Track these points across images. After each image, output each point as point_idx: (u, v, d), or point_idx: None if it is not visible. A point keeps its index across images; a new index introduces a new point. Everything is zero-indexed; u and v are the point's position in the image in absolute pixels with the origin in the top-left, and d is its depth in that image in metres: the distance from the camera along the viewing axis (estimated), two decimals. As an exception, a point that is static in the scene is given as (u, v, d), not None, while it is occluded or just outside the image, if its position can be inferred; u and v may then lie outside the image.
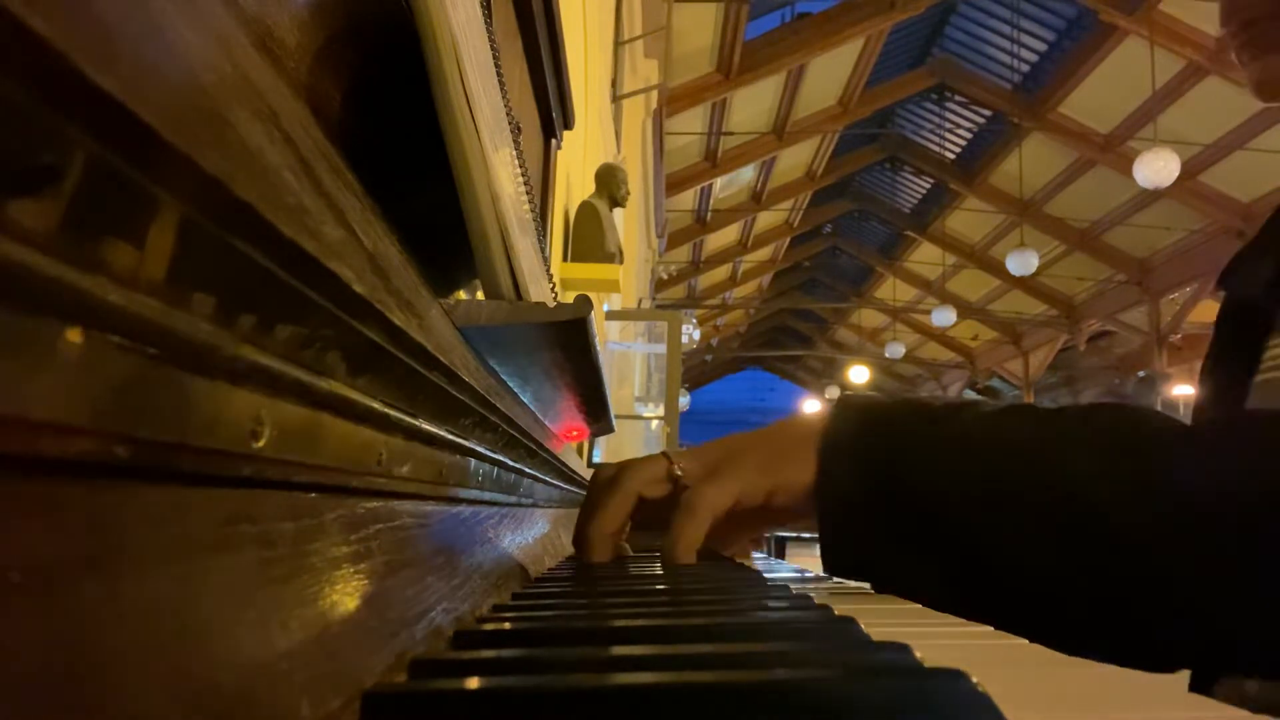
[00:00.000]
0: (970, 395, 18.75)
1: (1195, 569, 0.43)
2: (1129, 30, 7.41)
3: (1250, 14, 0.60)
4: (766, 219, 12.87)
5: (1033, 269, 9.61)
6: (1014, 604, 0.48)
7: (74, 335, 0.14)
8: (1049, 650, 0.38)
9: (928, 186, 12.67)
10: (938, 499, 0.51)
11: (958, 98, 10.39)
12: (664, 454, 0.63)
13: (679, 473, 0.62)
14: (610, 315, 5.09)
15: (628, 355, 6.09)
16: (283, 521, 0.23)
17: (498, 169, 0.58)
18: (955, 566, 0.50)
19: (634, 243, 6.39)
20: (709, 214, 11.53)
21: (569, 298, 0.53)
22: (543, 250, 0.98)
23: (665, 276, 12.66)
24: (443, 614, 0.36)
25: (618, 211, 3.23)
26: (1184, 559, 0.44)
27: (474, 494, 0.50)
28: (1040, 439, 0.50)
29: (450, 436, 0.41)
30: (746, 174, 10.84)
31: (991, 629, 0.44)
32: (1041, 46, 9.10)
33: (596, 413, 0.92)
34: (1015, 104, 9.33)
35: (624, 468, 0.64)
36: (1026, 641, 0.40)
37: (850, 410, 0.57)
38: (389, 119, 0.55)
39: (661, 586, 0.56)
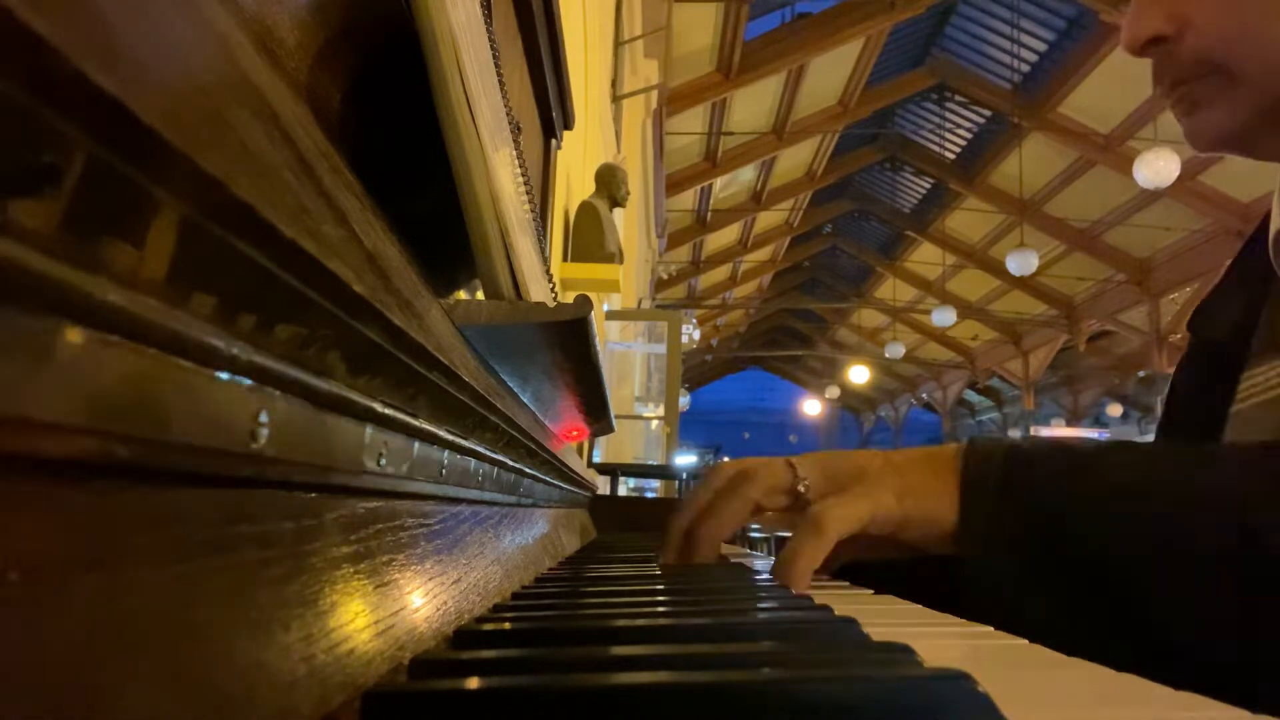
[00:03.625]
0: (971, 393, 18.77)
1: None
2: (1129, 30, 7.40)
3: (1175, 76, 0.63)
4: (766, 219, 12.87)
5: (1033, 269, 9.61)
6: (1172, 651, 0.47)
7: (74, 335, 0.14)
8: (1048, 650, 0.38)
9: (928, 186, 12.67)
10: (1096, 549, 0.51)
11: (958, 98, 10.39)
12: (788, 462, 0.62)
13: (803, 488, 0.61)
14: (610, 315, 5.09)
15: (628, 355, 6.09)
16: (282, 521, 0.23)
17: (498, 169, 0.58)
18: (1111, 616, 0.50)
19: (634, 243, 6.38)
20: (709, 214, 11.53)
21: (569, 298, 0.53)
22: (543, 250, 0.98)
23: (665, 276, 12.66)
24: (442, 613, 0.36)
25: (618, 211, 3.23)
26: None
27: (474, 494, 0.50)
28: (1207, 486, 0.50)
29: (450, 436, 0.41)
30: (746, 174, 10.84)
31: (992, 629, 0.44)
32: (1041, 46, 9.10)
33: (596, 413, 0.92)
34: (1015, 104, 9.33)
35: (744, 472, 0.62)
36: (1026, 642, 0.40)
37: (990, 451, 0.57)
38: (389, 119, 0.55)
39: (661, 587, 0.56)
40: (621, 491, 4.17)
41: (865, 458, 0.62)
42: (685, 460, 6.59)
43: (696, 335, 12.06)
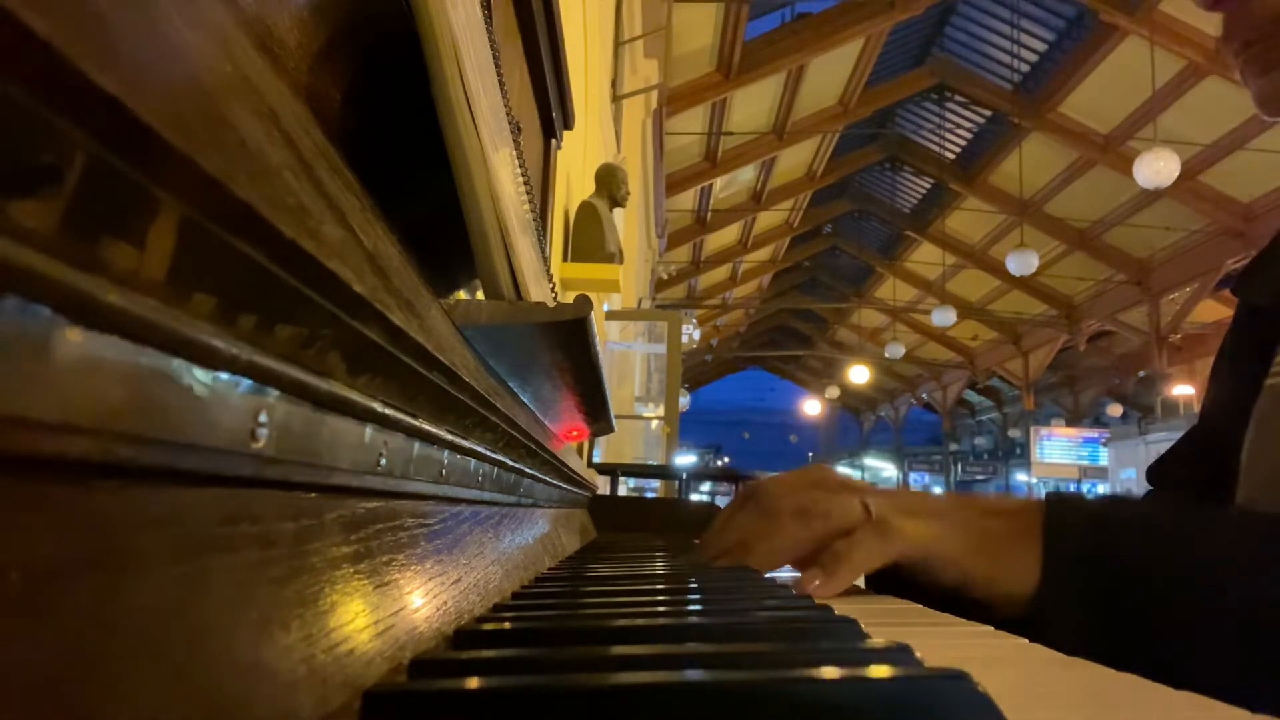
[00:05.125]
0: (971, 394, 18.75)
1: None
2: (1129, 30, 7.41)
3: (1251, 34, 0.61)
4: (766, 219, 12.87)
5: (1033, 269, 9.60)
6: None
7: (74, 335, 0.14)
8: (1049, 650, 0.38)
9: (928, 186, 12.66)
10: (1171, 651, 0.50)
11: (958, 98, 10.39)
12: (864, 503, 0.60)
13: (871, 509, 0.59)
14: (610, 315, 5.09)
15: (628, 355, 6.09)
16: (283, 521, 0.23)
17: (498, 169, 0.58)
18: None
19: (634, 243, 6.38)
20: (709, 214, 11.53)
21: (569, 298, 0.53)
22: (543, 250, 0.98)
23: (665, 276, 12.65)
24: (442, 613, 0.36)
25: (618, 211, 3.22)
26: None
27: (474, 494, 0.50)
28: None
29: (450, 436, 0.41)
30: (746, 174, 10.83)
31: (992, 629, 0.44)
32: (1041, 46, 9.10)
33: (596, 413, 0.92)
34: (1015, 104, 9.33)
35: (824, 511, 0.61)
36: (1026, 641, 0.40)
37: (1073, 524, 0.56)
38: (389, 119, 0.55)
39: (661, 586, 0.56)
40: (621, 491, 4.17)
41: (940, 502, 0.60)
42: (685, 460, 6.58)
43: (696, 335, 12.06)
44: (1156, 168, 6.58)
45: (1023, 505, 0.58)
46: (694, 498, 5.09)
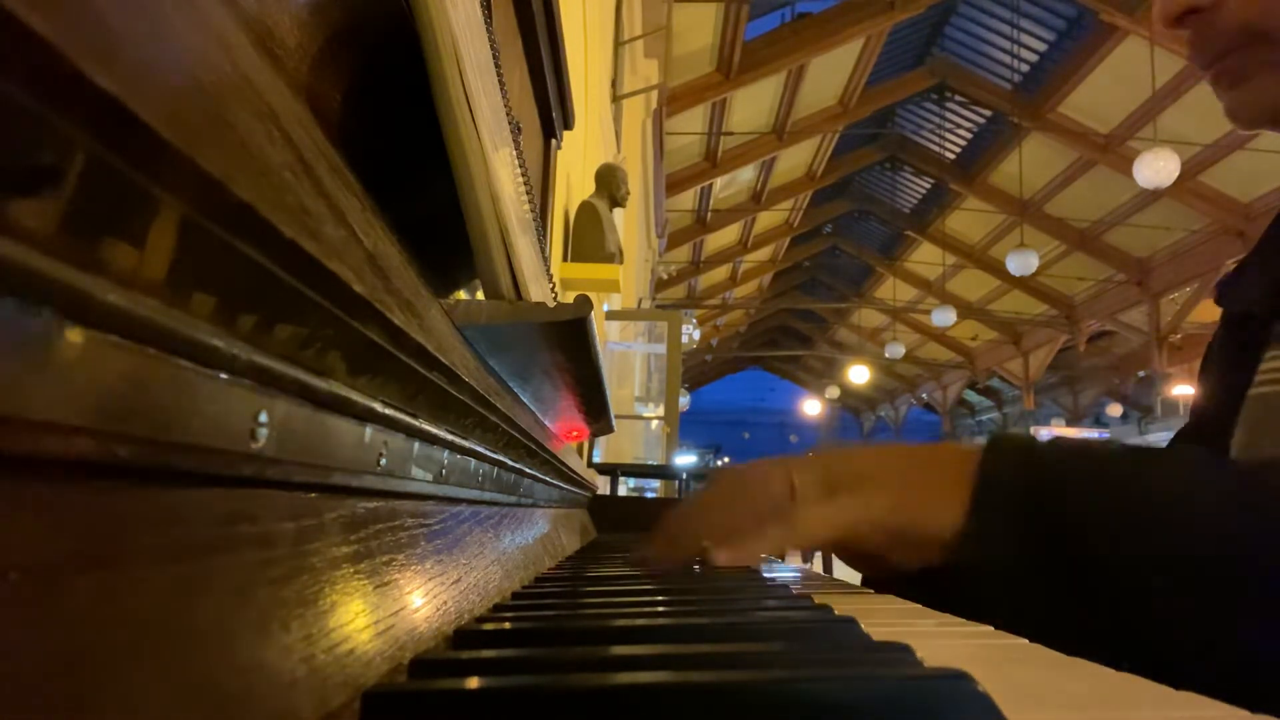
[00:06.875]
0: (971, 393, 18.76)
1: None
2: (1129, 30, 7.41)
3: (1216, 49, 0.60)
4: (766, 219, 12.86)
5: (1033, 269, 9.60)
6: (1146, 653, 0.44)
7: (74, 335, 0.14)
8: (1049, 650, 0.38)
9: (928, 186, 12.66)
10: (1116, 561, 0.48)
11: (958, 97, 10.39)
12: (787, 472, 0.58)
13: (795, 489, 0.58)
14: (610, 315, 5.09)
15: (628, 355, 6.08)
16: (283, 521, 0.23)
17: (498, 169, 0.58)
18: (1117, 624, 0.47)
19: (634, 243, 6.38)
20: (709, 214, 11.53)
21: (569, 298, 0.53)
22: (543, 250, 0.98)
23: (665, 276, 12.65)
24: (442, 613, 0.36)
25: (618, 211, 3.22)
26: None
27: (474, 494, 0.50)
28: (1222, 511, 0.47)
29: (450, 436, 0.41)
30: (746, 174, 10.83)
31: (992, 629, 0.44)
32: (1041, 46, 9.10)
33: (596, 413, 0.92)
34: (1015, 104, 9.33)
35: (745, 488, 0.61)
36: (1026, 641, 0.40)
37: (1010, 456, 0.53)
38: (389, 119, 0.55)
39: (661, 586, 0.56)
40: (621, 491, 4.17)
41: (872, 459, 0.59)
42: (685, 460, 6.59)
43: (696, 335, 12.05)
44: (1156, 168, 6.58)
45: (958, 448, 0.56)
46: (694, 498, 5.07)
